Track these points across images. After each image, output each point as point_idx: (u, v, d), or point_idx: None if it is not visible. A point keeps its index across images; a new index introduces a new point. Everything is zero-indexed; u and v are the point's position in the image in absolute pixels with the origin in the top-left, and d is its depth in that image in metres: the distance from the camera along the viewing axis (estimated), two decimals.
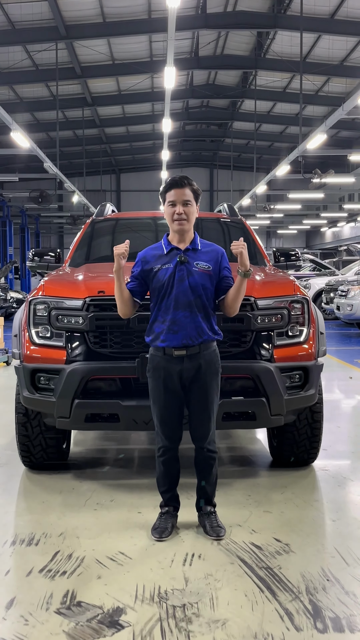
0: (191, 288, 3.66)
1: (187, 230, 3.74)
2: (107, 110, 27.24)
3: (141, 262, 3.81)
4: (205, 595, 3.09)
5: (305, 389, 4.50)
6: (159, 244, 3.84)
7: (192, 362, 3.68)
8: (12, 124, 14.97)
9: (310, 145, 16.82)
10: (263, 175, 29.93)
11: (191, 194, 3.73)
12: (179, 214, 3.68)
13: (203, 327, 3.68)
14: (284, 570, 3.35)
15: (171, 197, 3.71)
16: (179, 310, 3.64)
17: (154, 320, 3.73)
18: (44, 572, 3.34)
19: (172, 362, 3.68)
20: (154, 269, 3.72)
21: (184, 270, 3.68)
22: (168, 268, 3.69)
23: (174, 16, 10.61)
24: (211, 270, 3.73)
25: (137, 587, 3.17)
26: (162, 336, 3.66)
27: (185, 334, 3.64)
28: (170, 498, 3.91)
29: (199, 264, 3.71)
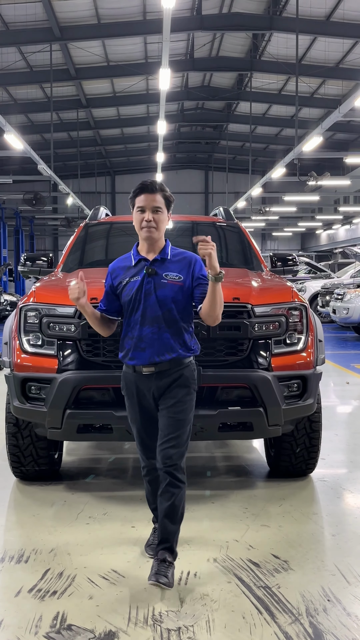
0: (159, 302, 3.36)
1: (156, 239, 3.42)
2: (101, 112, 27.13)
3: (110, 276, 3.54)
4: (201, 617, 2.97)
5: (303, 398, 4.39)
6: (128, 255, 3.54)
7: (163, 379, 3.38)
8: (6, 126, 14.84)
9: (306, 148, 16.73)
10: (258, 178, 29.89)
11: (162, 201, 3.41)
12: (148, 221, 3.36)
13: (172, 344, 3.36)
14: (282, 590, 3.23)
15: (141, 202, 3.39)
16: (145, 326, 3.36)
17: (124, 335, 3.46)
18: (34, 592, 3.21)
19: (143, 380, 3.40)
20: (122, 282, 3.45)
21: (152, 283, 3.38)
22: (136, 281, 3.41)
23: (169, 17, 10.50)
24: (182, 281, 3.39)
25: (130, 609, 3.05)
26: (131, 353, 3.39)
27: (153, 352, 3.35)
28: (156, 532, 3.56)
29: (168, 275, 3.40)
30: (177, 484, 3.33)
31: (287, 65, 20.39)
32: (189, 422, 3.43)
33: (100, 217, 6.52)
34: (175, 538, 3.34)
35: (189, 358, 3.43)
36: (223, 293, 4.38)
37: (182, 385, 3.40)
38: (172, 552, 3.31)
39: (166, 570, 3.20)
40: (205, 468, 5.35)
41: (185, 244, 6.40)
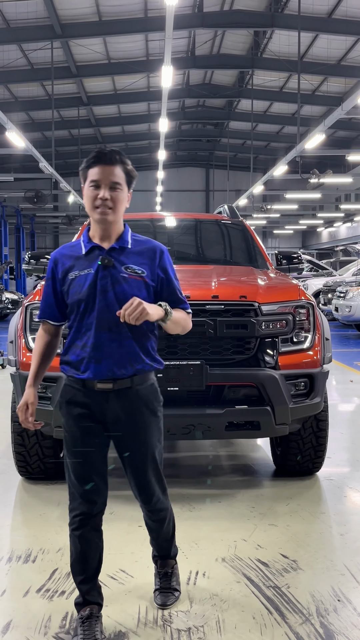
0: (118, 301, 2.67)
1: (111, 222, 2.72)
2: (102, 110, 27.07)
3: (52, 269, 2.81)
4: (211, 617, 2.95)
5: (310, 397, 4.37)
6: (77, 242, 2.86)
7: (121, 400, 2.73)
8: (7, 124, 14.80)
9: (309, 145, 16.70)
10: (259, 175, 29.86)
11: (122, 176, 2.72)
12: (104, 199, 2.66)
13: (137, 353, 2.72)
14: (292, 590, 3.21)
15: (95, 175, 2.68)
16: (102, 331, 2.68)
17: (71, 343, 2.75)
18: (42, 592, 3.19)
19: (93, 398, 2.72)
20: (69, 277, 2.74)
21: (108, 277, 2.70)
22: (88, 274, 2.71)
23: (172, 14, 10.47)
24: (146, 276, 2.75)
25: (139, 609, 3.03)
26: (82, 366, 2.70)
27: (112, 363, 2.68)
28: (90, 591, 2.80)
29: (128, 268, 2.73)
30: (163, 515, 3.02)
31: (288, 63, 20.34)
32: (159, 452, 2.93)
33: None
34: (173, 549, 3.16)
35: (152, 373, 2.85)
36: (230, 291, 4.40)
37: (147, 410, 2.81)
38: (173, 557, 3.17)
39: (169, 583, 3.10)
40: (210, 467, 5.33)
41: (189, 242, 6.43)
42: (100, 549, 2.84)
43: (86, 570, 2.79)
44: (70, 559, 2.81)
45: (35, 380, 2.84)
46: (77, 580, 2.80)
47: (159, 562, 3.14)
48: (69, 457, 2.78)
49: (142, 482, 2.87)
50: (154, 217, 7.09)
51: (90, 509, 2.77)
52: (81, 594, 2.80)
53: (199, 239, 6.40)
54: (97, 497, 2.78)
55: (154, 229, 6.56)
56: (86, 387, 2.71)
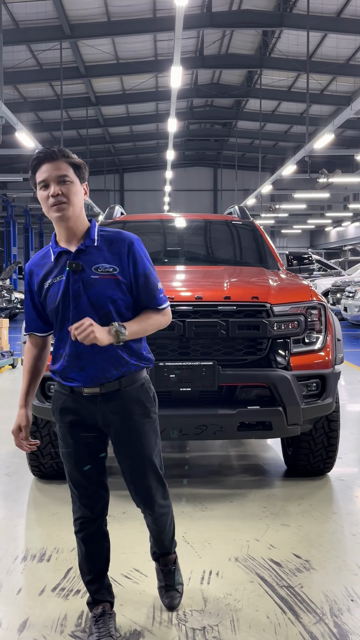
0: (92, 304, 2.58)
1: (71, 218, 2.62)
2: (111, 110, 27.13)
3: (28, 281, 2.74)
4: (226, 616, 2.97)
5: (322, 397, 4.39)
6: (47, 249, 2.76)
7: (110, 403, 2.67)
8: (17, 124, 14.87)
9: (318, 145, 16.69)
10: (268, 175, 29.85)
11: (69, 168, 2.60)
12: (54, 195, 2.56)
13: (119, 357, 2.63)
14: (305, 590, 3.23)
15: (42, 175, 2.58)
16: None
17: (56, 352, 2.69)
18: (57, 591, 3.22)
19: (83, 403, 2.68)
20: (44, 286, 2.66)
21: (80, 281, 2.59)
22: (61, 281, 2.61)
23: (182, 15, 10.50)
24: (118, 273, 2.62)
25: (154, 608, 3.06)
26: (67, 374, 2.66)
27: (96, 370, 2.61)
28: (99, 590, 2.83)
29: (98, 268, 2.60)
30: (164, 518, 2.95)
31: (297, 62, 20.34)
32: (157, 453, 2.83)
33: (115, 216, 6.53)
34: (173, 545, 3.12)
35: (142, 371, 2.75)
36: (242, 292, 4.42)
37: (138, 411, 2.72)
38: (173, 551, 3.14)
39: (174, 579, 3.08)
40: (221, 467, 5.35)
41: (200, 243, 6.45)
42: (106, 549, 2.85)
43: (92, 571, 2.82)
44: (78, 559, 2.86)
45: (27, 399, 2.79)
46: (85, 580, 2.85)
47: (161, 559, 3.13)
48: (65, 464, 2.80)
49: (141, 487, 2.81)
50: (164, 218, 7.11)
51: (88, 513, 2.78)
52: (90, 594, 2.84)
53: (210, 240, 6.42)
54: (94, 502, 2.78)
55: (164, 230, 6.59)
56: (74, 392, 2.68)
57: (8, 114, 14.04)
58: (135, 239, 2.70)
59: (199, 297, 4.29)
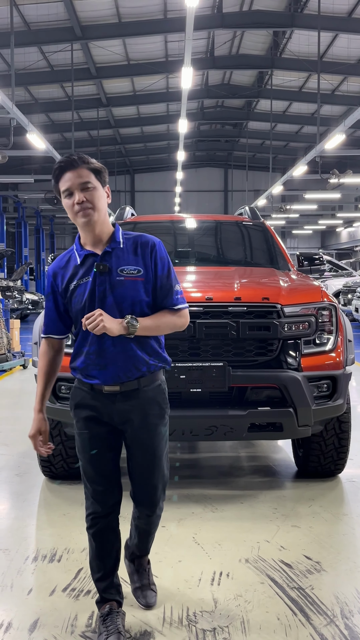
0: (117, 305, 2.68)
1: (97, 222, 2.71)
2: (122, 111, 27.18)
3: (52, 284, 2.81)
4: (236, 618, 2.97)
5: (333, 398, 4.38)
6: (70, 251, 2.83)
7: (128, 401, 2.75)
8: (28, 125, 14.93)
9: (329, 145, 16.64)
10: (278, 176, 29.79)
11: (90, 174, 2.69)
12: (79, 202, 2.65)
13: (139, 357, 2.72)
14: (316, 591, 3.22)
15: (65, 184, 2.68)
16: (104, 338, 2.67)
17: (77, 350, 2.77)
18: (68, 591, 3.22)
19: (102, 400, 2.76)
20: (70, 288, 2.75)
21: (106, 282, 2.70)
22: (86, 283, 2.71)
23: (192, 16, 10.50)
24: (141, 275, 2.72)
25: (164, 609, 3.06)
26: (89, 372, 2.74)
27: (117, 369, 2.70)
28: (108, 589, 2.85)
29: (124, 270, 2.71)
30: (157, 521, 3.03)
31: (308, 63, 20.28)
32: (166, 455, 2.91)
33: (126, 217, 6.54)
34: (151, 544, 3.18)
35: (160, 372, 2.85)
36: (253, 292, 4.42)
37: (154, 410, 2.81)
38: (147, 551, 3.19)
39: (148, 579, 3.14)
40: (232, 468, 5.35)
41: (210, 243, 6.45)
42: (116, 547, 2.88)
43: (102, 568, 2.84)
44: (89, 557, 2.89)
45: (44, 403, 2.87)
46: (95, 577, 2.87)
47: (137, 560, 3.17)
48: (80, 459, 2.85)
49: (148, 487, 2.87)
50: (175, 219, 7.11)
51: (100, 509, 2.81)
52: (99, 592, 2.87)
53: (220, 241, 6.42)
54: (107, 499, 2.81)
55: (175, 230, 6.59)
56: (94, 390, 2.76)
57: (19, 115, 14.10)
58: (158, 242, 2.81)
59: (209, 298, 4.28)
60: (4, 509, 4.50)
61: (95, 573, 2.86)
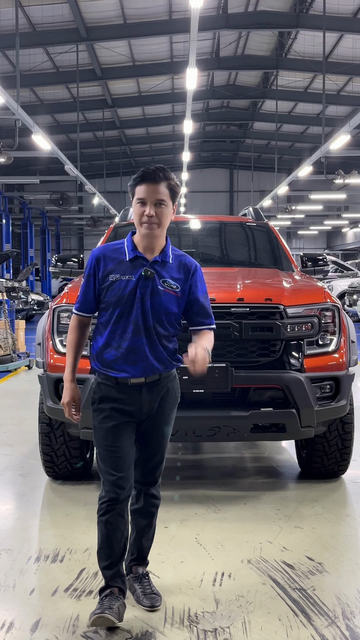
0: (153, 310, 2.93)
1: (157, 236, 2.92)
2: (127, 112, 27.18)
3: (94, 266, 2.98)
4: (237, 619, 2.97)
5: (336, 399, 4.37)
6: (120, 244, 3.03)
7: (152, 393, 2.99)
8: (34, 126, 14.95)
9: (334, 146, 16.61)
10: (284, 176, 29.77)
11: (167, 192, 2.91)
12: (150, 216, 2.87)
13: (164, 356, 2.98)
14: (318, 592, 3.22)
15: (141, 193, 2.88)
16: (139, 336, 2.92)
17: (107, 344, 2.95)
18: (70, 592, 3.23)
19: (128, 392, 2.96)
20: (109, 278, 2.94)
21: (148, 288, 2.92)
22: (129, 280, 2.92)
23: (197, 17, 10.50)
24: (179, 291, 2.98)
25: (166, 609, 3.06)
26: (117, 365, 2.93)
27: (146, 366, 2.94)
28: (114, 577, 2.95)
29: (166, 282, 2.95)
30: (156, 502, 3.21)
31: (313, 63, 20.25)
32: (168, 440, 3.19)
33: (129, 218, 6.54)
34: (149, 550, 3.26)
35: (174, 369, 3.10)
36: (256, 293, 4.43)
37: (170, 399, 3.09)
38: (146, 563, 3.26)
39: (150, 586, 3.15)
40: (235, 469, 5.35)
41: (214, 244, 6.45)
42: (125, 536, 2.99)
43: (111, 556, 2.94)
44: (97, 546, 2.98)
45: (74, 373, 3.07)
46: (102, 565, 2.97)
47: (134, 567, 3.22)
48: (103, 450, 2.97)
49: (151, 464, 3.13)
50: (178, 220, 7.11)
51: (119, 495, 2.94)
52: (105, 580, 2.96)
53: (224, 242, 6.42)
54: (126, 483, 2.96)
55: (178, 231, 6.59)
56: (119, 383, 2.95)
57: (24, 116, 14.12)
58: (198, 266, 3.10)
59: (212, 299, 4.26)
60: (8, 510, 4.51)
61: (104, 561, 2.96)
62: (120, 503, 2.95)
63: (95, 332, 3.01)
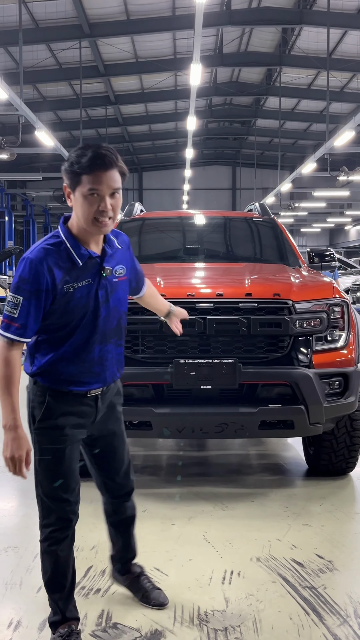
0: (115, 308, 2.59)
1: (108, 230, 2.51)
2: (130, 109, 27.15)
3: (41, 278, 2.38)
4: (248, 617, 2.93)
5: (345, 396, 4.32)
6: (57, 245, 2.46)
7: (104, 399, 2.67)
8: (37, 123, 14.92)
9: (338, 143, 16.58)
10: (287, 174, 29.69)
11: (119, 179, 2.46)
12: (106, 210, 2.41)
13: (122, 358, 2.72)
14: (329, 591, 3.18)
15: (95, 182, 2.37)
16: (105, 343, 2.57)
17: (60, 358, 2.49)
18: (78, 589, 3.18)
19: (87, 404, 2.59)
20: (65, 290, 2.42)
21: (106, 286, 2.54)
22: (89, 286, 2.48)
23: (202, 11, 10.45)
24: (126, 273, 2.65)
25: (175, 608, 3.02)
26: (80, 379, 2.53)
27: (110, 374, 2.63)
28: (68, 605, 2.68)
29: (117, 270, 2.58)
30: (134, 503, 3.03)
31: (317, 60, 20.20)
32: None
33: (135, 213, 6.50)
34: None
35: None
36: (264, 288, 4.39)
37: (120, 397, 2.82)
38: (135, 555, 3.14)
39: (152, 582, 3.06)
40: (241, 465, 5.31)
41: (220, 240, 6.40)
42: (73, 557, 2.73)
43: (65, 584, 2.66)
44: (44, 577, 2.66)
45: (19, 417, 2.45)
46: (56, 597, 2.65)
47: (130, 566, 3.08)
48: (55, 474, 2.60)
49: (124, 468, 2.90)
50: (184, 215, 7.07)
51: (72, 520, 2.68)
52: (60, 612, 2.65)
53: (230, 237, 6.37)
54: (78, 506, 2.72)
55: (184, 227, 6.55)
56: (75, 395, 2.55)
57: (28, 112, 14.11)
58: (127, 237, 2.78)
59: (219, 294, 4.24)
60: (13, 507, 4.48)
61: (58, 592, 2.64)
62: (72, 528, 2.68)
63: (36, 348, 2.52)
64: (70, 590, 2.68)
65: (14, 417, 2.42)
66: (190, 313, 4.15)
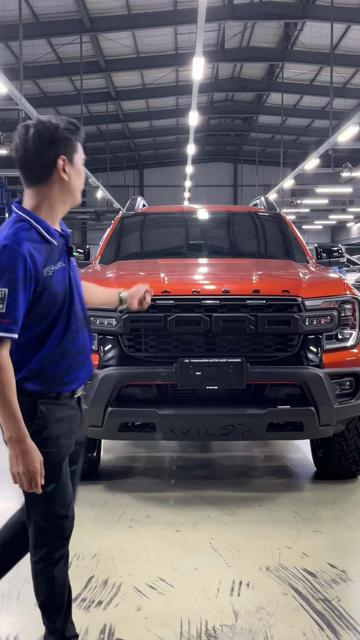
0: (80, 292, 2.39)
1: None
2: (131, 105, 26.94)
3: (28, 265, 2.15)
4: (259, 633, 2.76)
5: (356, 397, 4.17)
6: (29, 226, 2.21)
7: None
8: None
9: (341, 139, 16.39)
10: (289, 170, 29.51)
11: None
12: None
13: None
14: (343, 603, 3.01)
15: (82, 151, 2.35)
16: (84, 330, 2.35)
17: (49, 353, 2.24)
18: (78, 602, 3.03)
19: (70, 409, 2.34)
20: (44, 274, 2.20)
21: (74, 268, 2.37)
22: (63, 269, 2.27)
23: (205, 3, 10.27)
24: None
25: (181, 622, 2.85)
26: (66, 377, 2.28)
27: (90, 366, 2.41)
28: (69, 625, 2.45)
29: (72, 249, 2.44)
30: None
31: (320, 55, 19.98)
32: None
33: (137, 208, 6.33)
34: None
35: None
36: (272, 285, 4.22)
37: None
38: None
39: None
40: (247, 468, 5.15)
41: (225, 235, 6.23)
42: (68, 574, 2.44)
43: (62, 605, 2.41)
44: (39, 599, 2.38)
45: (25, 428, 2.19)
46: (54, 618, 2.40)
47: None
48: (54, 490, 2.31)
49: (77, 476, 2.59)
50: (185, 210, 6.91)
51: (68, 537, 2.40)
52: (59, 632, 2.40)
53: (235, 232, 6.21)
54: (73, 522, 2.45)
55: (188, 222, 6.38)
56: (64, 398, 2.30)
57: (28, 107, 13.93)
58: None
59: (226, 291, 4.08)
60: (12, 511, 4.31)
61: (55, 614, 2.39)
62: (67, 545, 2.40)
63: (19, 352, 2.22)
64: (67, 608, 2.44)
65: (19, 427, 2.13)
66: (196, 310, 4.01)
